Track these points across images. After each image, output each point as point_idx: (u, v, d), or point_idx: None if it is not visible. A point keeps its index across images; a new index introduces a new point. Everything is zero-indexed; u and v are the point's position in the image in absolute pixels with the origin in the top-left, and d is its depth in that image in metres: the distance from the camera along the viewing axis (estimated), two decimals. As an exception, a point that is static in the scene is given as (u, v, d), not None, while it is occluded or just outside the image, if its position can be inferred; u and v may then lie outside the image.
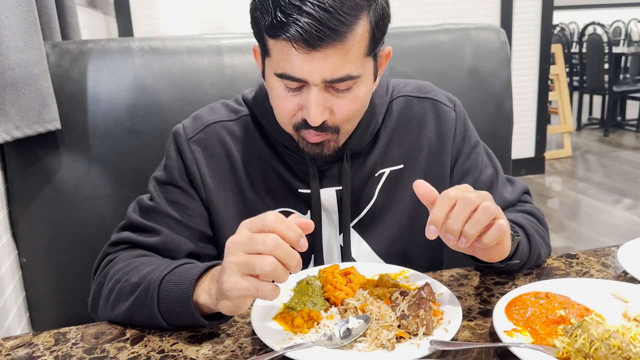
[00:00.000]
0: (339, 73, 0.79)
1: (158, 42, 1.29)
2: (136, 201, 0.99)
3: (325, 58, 0.77)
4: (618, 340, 0.63)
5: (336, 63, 0.78)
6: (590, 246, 2.36)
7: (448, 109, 1.02)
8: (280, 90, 0.84)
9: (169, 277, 0.79)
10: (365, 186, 1.00)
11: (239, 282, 0.67)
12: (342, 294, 0.83)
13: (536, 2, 4.29)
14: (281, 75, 0.81)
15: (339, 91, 0.83)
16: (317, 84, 0.80)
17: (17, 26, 1.07)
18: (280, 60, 0.80)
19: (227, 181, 0.97)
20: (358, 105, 0.86)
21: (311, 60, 0.77)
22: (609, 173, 4.68)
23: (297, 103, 0.84)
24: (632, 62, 6.92)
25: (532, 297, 0.79)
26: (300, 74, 0.79)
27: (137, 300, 0.80)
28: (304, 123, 0.85)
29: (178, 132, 0.98)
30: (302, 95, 0.83)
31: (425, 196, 0.75)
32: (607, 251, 1.02)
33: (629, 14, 8.39)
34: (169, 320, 0.78)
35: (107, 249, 0.96)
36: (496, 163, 1.07)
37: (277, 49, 0.79)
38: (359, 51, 0.80)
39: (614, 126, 6.28)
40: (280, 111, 0.87)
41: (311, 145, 0.89)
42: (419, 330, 0.73)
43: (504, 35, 1.44)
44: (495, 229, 0.72)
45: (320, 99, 0.81)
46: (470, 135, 1.04)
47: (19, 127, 1.10)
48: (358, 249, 1.01)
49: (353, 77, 0.81)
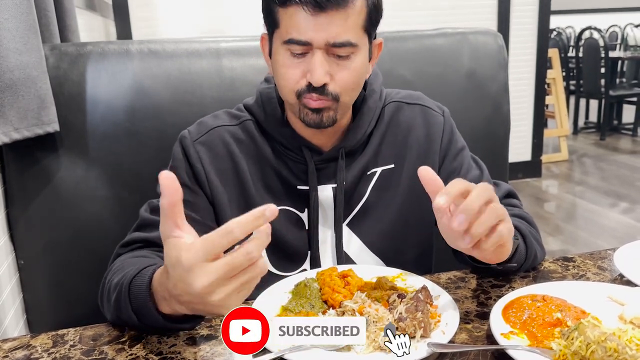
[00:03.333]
0: (341, 37, 0.87)
1: (157, 45, 1.29)
2: (147, 203, 1.02)
3: (330, 20, 0.86)
4: (614, 343, 0.64)
5: (339, 27, 0.87)
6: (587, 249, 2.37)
7: (436, 114, 1.08)
8: (286, 59, 0.91)
9: (135, 279, 0.79)
10: (358, 184, 1.04)
11: (230, 298, 0.64)
12: (339, 296, 0.83)
13: (533, 6, 4.30)
14: (288, 41, 0.89)
15: (339, 58, 0.90)
16: (321, 47, 0.88)
17: (16, 28, 1.08)
18: (288, 26, 0.88)
19: (230, 179, 1.01)
20: (355, 76, 0.92)
21: (317, 22, 0.86)
22: (606, 176, 4.69)
23: (302, 69, 0.90)
24: (628, 67, 6.95)
25: (529, 300, 0.80)
26: (306, 36, 0.87)
27: (116, 302, 0.81)
28: (307, 88, 0.91)
29: (184, 135, 1.04)
30: (306, 60, 0.90)
31: (428, 182, 0.75)
32: (603, 254, 1.02)
33: (625, 19, 8.42)
34: (143, 321, 0.78)
35: (118, 249, 0.98)
36: (482, 167, 1.11)
37: (287, 16, 0.88)
38: (358, 22, 0.89)
39: (611, 130, 6.29)
40: (285, 79, 0.92)
41: (312, 114, 0.93)
42: (416, 333, 0.73)
43: (501, 39, 1.44)
44: (495, 237, 0.71)
45: (323, 61, 0.89)
46: (457, 139, 1.09)
47: (17, 129, 1.10)
48: (348, 243, 1.05)
49: (352, 44, 0.89)
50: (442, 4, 4.05)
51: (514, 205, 1.08)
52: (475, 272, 0.96)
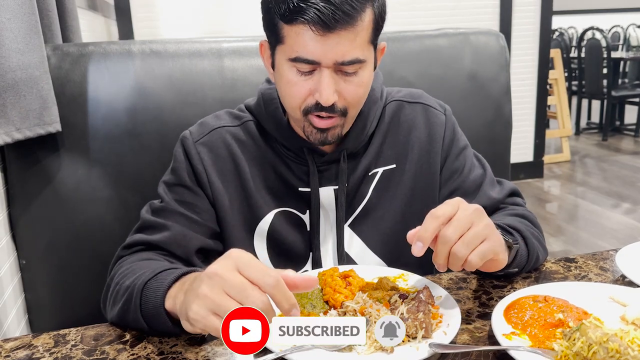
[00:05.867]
0: (349, 56, 0.86)
1: (158, 45, 1.29)
2: (148, 204, 1.02)
3: (338, 41, 0.84)
4: (616, 344, 0.64)
5: (347, 46, 0.85)
6: (589, 250, 2.36)
7: (438, 112, 1.07)
8: (292, 76, 0.89)
9: (150, 282, 0.79)
10: (360, 185, 1.04)
11: (207, 318, 0.64)
12: (341, 296, 0.83)
13: (535, 7, 4.30)
14: (295, 59, 0.87)
15: (347, 74, 0.89)
16: (329, 66, 0.86)
17: (18, 29, 1.08)
18: (294, 44, 0.86)
19: (231, 180, 1.01)
20: (362, 90, 0.92)
21: (325, 42, 0.84)
22: (608, 177, 4.68)
23: (309, 87, 0.89)
24: (630, 67, 6.94)
25: (530, 301, 0.80)
26: (314, 55, 0.85)
27: (125, 304, 0.81)
28: (313, 107, 0.90)
29: (185, 136, 1.03)
30: (314, 78, 0.88)
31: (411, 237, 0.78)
32: (605, 255, 1.02)
33: (627, 19, 8.42)
34: (151, 325, 0.78)
35: (120, 251, 0.98)
36: (485, 165, 1.10)
37: (293, 33, 0.85)
38: (365, 37, 0.87)
39: (613, 131, 6.29)
40: (291, 96, 0.91)
41: (317, 132, 0.92)
42: (417, 333, 0.73)
43: (503, 39, 1.44)
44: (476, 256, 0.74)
45: (331, 80, 0.87)
46: (459, 137, 1.09)
47: (19, 129, 1.10)
48: (350, 244, 1.04)
49: (360, 61, 0.88)
50: (444, 5, 4.04)
51: (517, 204, 1.08)
52: (477, 273, 0.96)
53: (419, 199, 1.04)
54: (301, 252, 1.04)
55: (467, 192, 1.04)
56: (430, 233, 0.74)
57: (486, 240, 0.75)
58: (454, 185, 1.05)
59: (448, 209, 0.75)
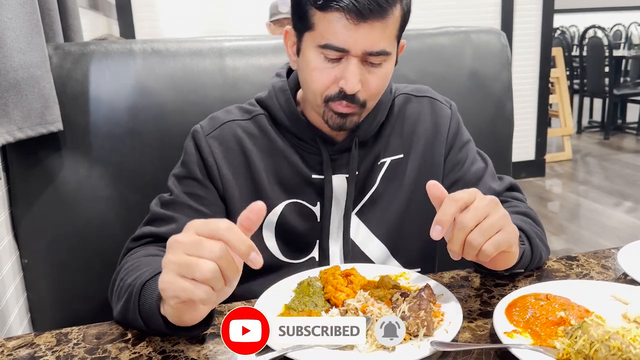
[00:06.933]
0: (378, 46, 0.88)
1: (160, 44, 1.29)
2: (157, 197, 1.03)
3: (369, 31, 0.86)
4: (618, 342, 0.64)
5: (377, 37, 0.87)
6: (591, 248, 2.36)
7: (444, 106, 1.10)
8: (319, 62, 0.91)
9: (149, 283, 0.79)
10: (369, 173, 1.06)
11: (175, 282, 0.65)
12: (342, 295, 0.83)
13: (537, 5, 4.29)
14: (325, 46, 0.88)
15: (372, 65, 0.91)
16: (357, 55, 0.88)
17: (19, 28, 1.08)
18: (325, 31, 0.88)
19: (242, 173, 1.02)
20: (384, 83, 0.95)
21: (357, 31, 0.86)
22: (609, 176, 4.68)
23: (334, 75, 0.91)
24: (632, 66, 6.93)
25: (532, 299, 0.80)
26: (345, 44, 0.87)
27: (126, 304, 0.81)
28: (337, 94, 0.92)
29: (196, 130, 1.04)
30: (340, 67, 0.90)
31: (435, 198, 0.79)
32: (607, 253, 1.02)
33: (629, 18, 8.40)
34: (149, 326, 0.78)
35: (129, 243, 0.99)
36: (487, 160, 1.12)
37: (325, 21, 0.87)
38: (393, 31, 0.90)
39: (614, 129, 6.28)
40: (316, 82, 0.93)
41: (337, 117, 0.94)
42: (419, 332, 0.73)
43: (505, 38, 1.44)
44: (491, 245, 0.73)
45: (358, 69, 0.89)
46: (463, 131, 1.11)
47: (21, 129, 1.11)
48: (356, 231, 1.06)
49: (387, 53, 0.90)
50: (445, 3, 4.04)
51: (517, 199, 1.09)
52: (479, 272, 0.96)
53: (423, 188, 1.04)
54: (309, 240, 1.05)
55: (468, 184, 1.05)
56: (449, 216, 0.73)
57: (502, 231, 0.74)
58: (456, 176, 1.07)
59: (465, 196, 0.75)
